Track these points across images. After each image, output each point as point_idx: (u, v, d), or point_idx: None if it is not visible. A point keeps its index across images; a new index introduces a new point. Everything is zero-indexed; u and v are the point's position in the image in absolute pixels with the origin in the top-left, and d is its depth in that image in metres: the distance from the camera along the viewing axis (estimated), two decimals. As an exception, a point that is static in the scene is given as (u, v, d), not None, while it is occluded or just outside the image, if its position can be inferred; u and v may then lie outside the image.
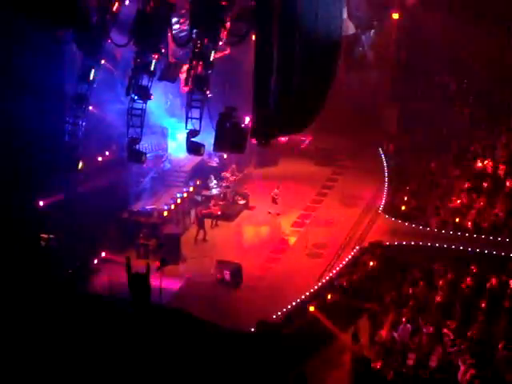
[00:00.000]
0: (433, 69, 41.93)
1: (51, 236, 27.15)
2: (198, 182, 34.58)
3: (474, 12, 38.94)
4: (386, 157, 37.69)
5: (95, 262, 28.44)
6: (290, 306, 25.51)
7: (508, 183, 32.18)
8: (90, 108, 27.12)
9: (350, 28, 37.58)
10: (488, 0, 38.63)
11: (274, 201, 33.22)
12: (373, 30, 42.08)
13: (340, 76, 29.04)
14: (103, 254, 28.79)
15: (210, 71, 24.89)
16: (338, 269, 28.06)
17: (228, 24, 24.50)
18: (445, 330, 23.67)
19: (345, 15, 30.61)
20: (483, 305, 25.01)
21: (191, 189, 33.80)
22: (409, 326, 23.93)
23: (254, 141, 24.66)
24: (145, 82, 24.78)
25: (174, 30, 26.39)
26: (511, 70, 39.25)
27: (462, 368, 21.49)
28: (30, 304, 21.78)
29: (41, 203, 26.42)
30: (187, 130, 25.25)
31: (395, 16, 40.51)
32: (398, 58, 42.67)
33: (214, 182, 34.80)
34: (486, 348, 22.69)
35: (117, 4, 24.06)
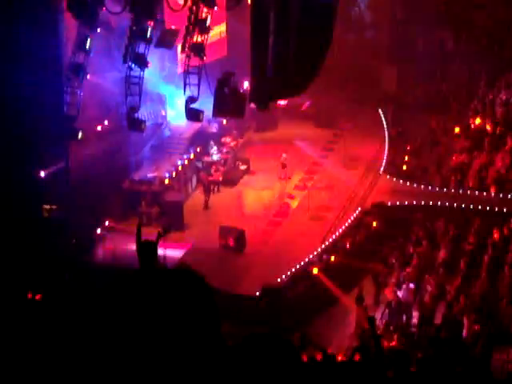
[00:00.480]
0: (430, 25, 41.64)
1: (53, 207, 27.19)
2: (198, 149, 34.51)
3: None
4: (385, 118, 37.56)
5: (98, 231, 28.50)
6: (293, 269, 25.63)
7: (508, 140, 32.15)
8: (88, 77, 26.97)
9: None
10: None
11: (284, 166, 32.94)
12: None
13: (337, 37, 28.96)
14: (106, 223, 28.88)
15: (206, 37, 24.82)
16: (340, 231, 28.14)
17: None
18: (448, 288, 23.83)
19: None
20: (486, 260, 25.09)
21: (192, 155, 33.76)
22: (412, 285, 24.04)
23: (253, 105, 24.64)
24: (141, 49, 24.65)
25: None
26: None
27: (467, 324, 21.67)
28: (35, 275, 21.92)
29: (42, 173, 26.42)
30: (186, 97, 25.20)
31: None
32: (394, 16, 42.37)
33: (215, 147, 34.74)
34: (490, 304, 22.85)
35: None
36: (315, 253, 26.56)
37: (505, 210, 28.02)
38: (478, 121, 33.90)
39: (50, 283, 21.86)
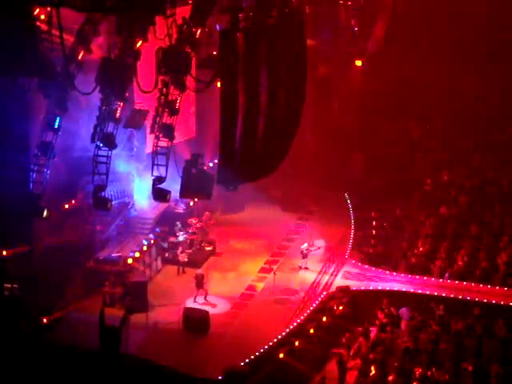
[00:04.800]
0: (396, 114, 42.60)
1: (15, 285, 26.79)
2: (164, 229, 34.41)
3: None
4: (351, 202, 37.89)
5: (62, 311, 28.06)
6: (257, 353, 25.32)
7: (472, 227, 32.63)
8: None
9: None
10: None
11: (305, 255, 32.63)
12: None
13: (305, 122, 29.43)
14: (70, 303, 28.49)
15: (175, 118, 25.04)
16: (305, 314, 27.97)
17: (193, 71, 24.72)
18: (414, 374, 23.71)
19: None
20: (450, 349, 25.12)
21: (157, 236, 33.61)
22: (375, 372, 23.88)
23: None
24: (110, 129, 24.73)
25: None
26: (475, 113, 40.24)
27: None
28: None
29: (4, 253, 26.11)
30: (153, 177, 25.24)
31: (358, 63, 41.08)
32: (362, 103, 43.19)
33: (181, 228, 34.67)
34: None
35: (82, 52, 24.09)
36: (279, 337, 26.31)
37: (469, 298, 28.20)
38: (442, 208, 34.43)
39: (7, 364, 21.39)
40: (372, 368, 24.35)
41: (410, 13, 42.30)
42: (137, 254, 31.36)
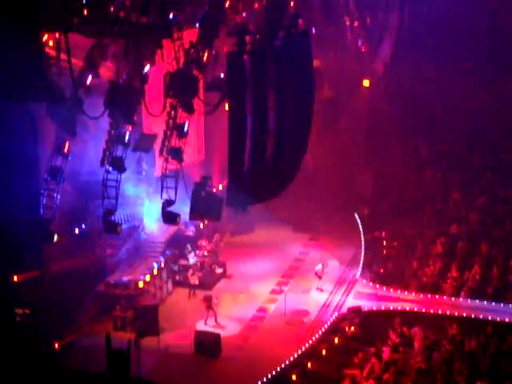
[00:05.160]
0: (406, 132, 42.63)
1: (26, 311, 26.78)
2: (174, 252, 34.41)
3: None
4: (361, 222, 37.81)
5: (73, 335, 28.03)
6: (270, 375, 25.21)
7: (482, 246, 32.53)
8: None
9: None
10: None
11: (319, 276, 32.47)
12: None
13: (313, 141, 29.43)
14: (81, 327, 28.47)
15: (184, 141, 25.12)
16: (317, 336, 27.86)
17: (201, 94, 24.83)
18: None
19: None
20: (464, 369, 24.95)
21: (168, 259, 33.59)
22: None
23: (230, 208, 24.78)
24: (119, 152, 24.82)
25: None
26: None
27: None
28: (8, 380, 21.42)
29: (15, 278, 26.14)
30: (162, 200, 25.29)
31: (366, 83, 41.17)
32: (371, 122, 43.24)
33: (191, 251, 34.63)
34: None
35: (90, 77, 24.21)
36: (291, 358, 26.19)
37: (481, 316, 28.06)
38: (453, 227, 34.34)
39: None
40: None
41: (417, 31, 42.43)
42: (147, 278, 31.35)
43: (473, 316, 28.29)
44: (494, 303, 29.09)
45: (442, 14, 42.55)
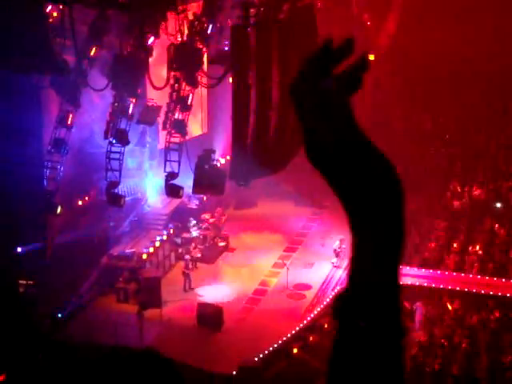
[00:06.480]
0: (409, 107, 42.44)
1: (30, 282, 26.91)
2: (177, 225, 34.45)
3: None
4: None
5: (76, 307, 28.18)
6: (271, 348, 25.34)
7: (485, 221, 32.52)
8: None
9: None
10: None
11: (337, 254, 32.43)
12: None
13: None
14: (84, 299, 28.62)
15: (188, 114, 25.11)
16: (319, 309, 27.96)
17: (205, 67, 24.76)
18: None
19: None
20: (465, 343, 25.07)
21: (171, 231, 33.66)
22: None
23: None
24: (123, 125, 24.81)
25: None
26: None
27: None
28: (11, 351, 21.54)
29: (19, 249, 26.24)
30: (166, 173, 25.31)
31: (371, 57, 40.95)
32: (374, 97, 43.08)
33: (194, 224, 34.67)
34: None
35: (94, 49, 24.15)
36: (293, 332, 26.31)
37: (483, 291, 28.14)
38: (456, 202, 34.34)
39: (21, 363, 21.48)
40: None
41: (422, 5, 42.11)
42: (150, 250, 31.46)
43: (474, 291, 28.32)
44: (495, 278, 29.11)
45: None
